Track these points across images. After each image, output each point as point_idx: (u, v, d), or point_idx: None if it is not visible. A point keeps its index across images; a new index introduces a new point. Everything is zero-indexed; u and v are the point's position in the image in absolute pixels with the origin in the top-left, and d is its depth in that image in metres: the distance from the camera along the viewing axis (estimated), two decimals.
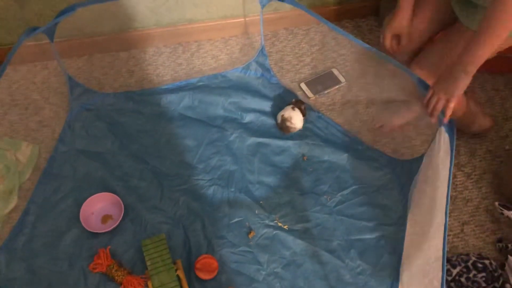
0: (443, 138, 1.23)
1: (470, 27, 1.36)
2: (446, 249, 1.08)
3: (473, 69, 1.19)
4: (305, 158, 1.67)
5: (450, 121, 1.20)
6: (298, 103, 1.72)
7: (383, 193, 1.59)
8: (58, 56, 1.65)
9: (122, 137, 1.71)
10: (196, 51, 1.98)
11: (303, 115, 1.71)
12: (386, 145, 1.70)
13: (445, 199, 1.10)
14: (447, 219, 1.07)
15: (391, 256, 1.47)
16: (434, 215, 1.19)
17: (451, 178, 1.10)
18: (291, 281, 1.42)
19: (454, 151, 1.14)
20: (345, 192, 1.59)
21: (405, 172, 1.60)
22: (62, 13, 1.46)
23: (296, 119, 1.68)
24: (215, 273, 1.41)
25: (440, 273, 1.07)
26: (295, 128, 1.69)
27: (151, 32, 1.93)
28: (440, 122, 1.25)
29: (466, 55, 1.19)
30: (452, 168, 1.12)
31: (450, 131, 1.20)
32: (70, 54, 1.90)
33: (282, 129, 1.71)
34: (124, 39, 1.93)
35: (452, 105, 1.24)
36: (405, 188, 1.57)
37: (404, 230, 1.49)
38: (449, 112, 1.24)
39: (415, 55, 1.52)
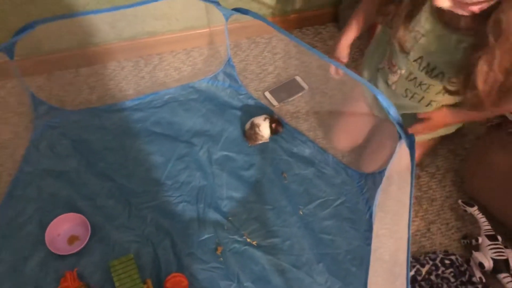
0: (404, 152, 1.17)
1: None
2: (409, 266, 1.07)
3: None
4: (272, 172, 1.66)
5: (411, 136, 1.15)
6: (272, 119, 1.70)
7: (349, 206, 1.60)
8: (19, 74, 1.61)
9: (88, 155, 1.67)
10: (158, 63, 1.96)
11: (271, 132, 1.70)
12: (352, 160, 1.71)
13: (407, 215, 1.09)
14: (409, 244, 1.06)
15: (358, 270, 1.47)
16: (396, 231, 1.19)
17: (412, 194, 1.08)
18: None
19: (414, 167, 1.10)
20: (311, 206, 1.59)
21: (370, 184, 1.60)
22: (21, 30, 1.42)
23: (264, 127, 1.68)
24: None
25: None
26: (262, 136, 1.69)
27: (111, 46, 1.90)
28: (400, 136, 1.20)
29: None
30: (413, 184, 1.09)
31: (410, 146, 1.14)
32: (28, 72, 1.85)
33: (250, 136, 1.70)
34: (84, 55, 1.89)
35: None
36: (369, 201, 1.58)
37: (370, 244, 1.50)
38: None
39: None
